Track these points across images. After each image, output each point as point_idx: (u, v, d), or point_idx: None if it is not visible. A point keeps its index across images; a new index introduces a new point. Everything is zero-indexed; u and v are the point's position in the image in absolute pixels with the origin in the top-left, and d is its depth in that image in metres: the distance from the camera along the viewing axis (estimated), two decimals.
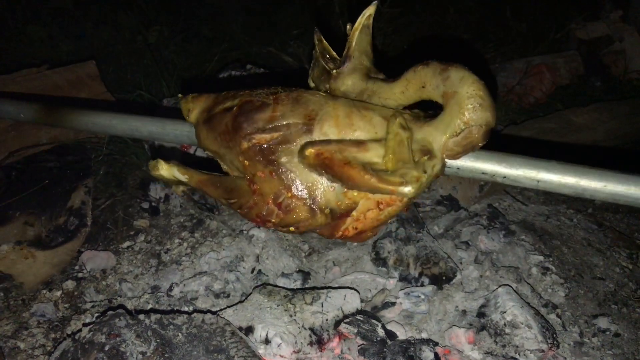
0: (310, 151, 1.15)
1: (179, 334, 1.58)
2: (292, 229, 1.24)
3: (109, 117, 1.51)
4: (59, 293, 2.01)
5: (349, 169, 1.13)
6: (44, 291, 2.01)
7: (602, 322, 1.88)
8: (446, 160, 1.18)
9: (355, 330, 1.68)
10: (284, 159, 1.21)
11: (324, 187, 1.21)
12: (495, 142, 1.34)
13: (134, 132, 1.49)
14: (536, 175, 1.16)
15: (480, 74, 1.13)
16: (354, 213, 1.23)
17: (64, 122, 1.59)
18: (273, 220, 1.24)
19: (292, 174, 1.22)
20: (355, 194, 1.21)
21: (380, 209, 1.22)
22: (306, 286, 1.98)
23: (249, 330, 1.65)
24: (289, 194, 1.21)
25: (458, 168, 1.21)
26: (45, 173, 2.33)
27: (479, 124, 1.10)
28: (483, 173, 1.21)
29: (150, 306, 1.90)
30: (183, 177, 1.35)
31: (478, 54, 3.69)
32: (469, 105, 1.10)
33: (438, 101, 1.16)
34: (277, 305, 1.73)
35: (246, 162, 1.24)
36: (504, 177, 1.19)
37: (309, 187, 1.21)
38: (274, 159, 1.21)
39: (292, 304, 1.74)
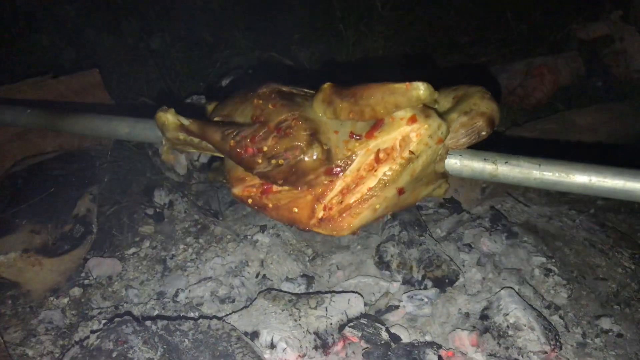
0: (328, 83, 1.29)
1: (186, 339, 1.59)
2: (281, 160, 1.25)
3: (94, 118, 1.56)
4: (66, 300, 2.03)
5: (365, 85, 1.24)
6: (51, 298, 2.04)
7: (605, 323, 1.89)
8: (450, 149, 1.31)
9: (360, 334, 1.69)
10: (298, 99, 1.34)
11: (328, 127, 1.28)
12: (498, 144, 1.39)
13: (112, 133, 1.57)
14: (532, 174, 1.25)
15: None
16: (348, 172, 1.27)
17: (56, 126, 1.63)
18: (267, 145, 1.26)
19: (303, 107, 1.30)
20: (356, 144, 1.26)
21: (379, 161, 1.25)
22: (310, 290, 1.99)
23: (255, 335, 1.67)
24: (293, 120, 1.27)
25: (460, 161, 1.31)
26: (51, 181, 2.35)
27: (482, 110, 1.26)
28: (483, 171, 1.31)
29: (156, 312, 1.92)
30: (186, 122, 1.40)
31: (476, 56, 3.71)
32: (476, 95, 1.29)
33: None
34: (282, 310, 1.74)
35: (260, 101, 1.34)
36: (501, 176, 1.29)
37: (315, 120, 1.28)
38: (289, 95, 1.34)
39: (297, 309, 1.75)
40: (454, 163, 1.33)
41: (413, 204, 1.40)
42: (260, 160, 1.28)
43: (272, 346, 1.64)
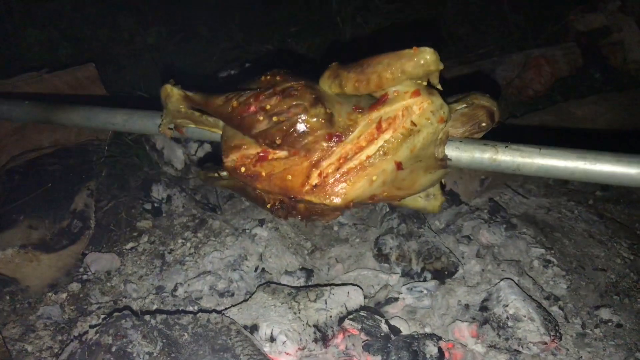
0: (335, 62, 1.33)
1: (185, 333, 1.59)
2: (283, 118, 1.25)
3: (90, 110, 1.57)
4: (64, 295, 2.03)
5: (372, 56, 1.26)
6: (50, 294, 2.03)
7: (604, 313, 1.89)
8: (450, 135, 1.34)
9: (359, 326, 1.69)
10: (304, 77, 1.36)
11: (333, 100, 1.30)
12: (495, 135, 1.39)
13: (107, 125, 1.57)
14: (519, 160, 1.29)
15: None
16: (348, 140, 1.27)
17: (51, 119, 1.62)
18: (270, 104, 1.27)
19: (309, 80, 1.33)
20: (359, 116, 1.28)
21: (380, 130, 1.25)
22: (309, 283, 1.99)
23: (254, 328, 1.67)
24: (299, 85, 1.28)
25: (460, 146, 1.34)
26: (48, 176, 2.34)
27: (483, 104, 1.32)
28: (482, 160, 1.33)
29: (155, 307, 1.92)
30: (190, 93, 1.44)
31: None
32: (477, 93, 1.35)
33: None
34: (282, 303, 1.74)
35: (267, 77, 1.37)
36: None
37: (321, 91, 1.31)
38: (296, 73, 1.36)
39: (296, 302, 1.75)
40: (454, 148, 1.33)
41: (409, 191, 1.36)
42: (261, 118, 1.27)
43: (272, 339, 1.63)
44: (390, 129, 1.25)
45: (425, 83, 1.27)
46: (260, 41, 3.79)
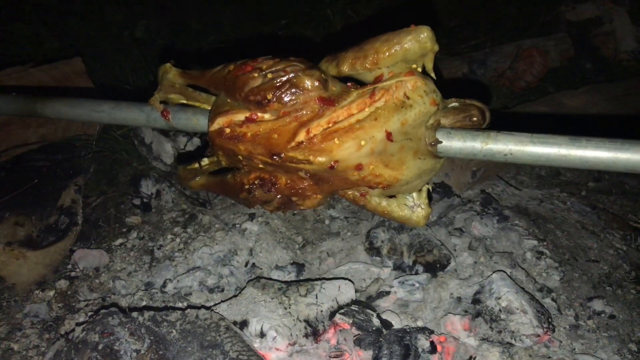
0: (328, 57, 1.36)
1: (173, 330, 1.56)
2: (277, 74, 1.26)
3: (75, 101, 1.55)
4: (52, 293, 2.00)
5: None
6: (37, 291, 2.00)
7: (597, 305, 1.88)
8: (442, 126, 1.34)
9: (351, 321, 1.67)
10: None
11: (330, 74, 1.32)
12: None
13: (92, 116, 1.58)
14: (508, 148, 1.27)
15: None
16: (340, 106, 1.27)
17: (36, 112, 1.60)
18: (266, 65, 1.28)
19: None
20: (353, 89, 1.29)
21: (373, 97, 1.26)
22: (300, 278, 1.97)
23: (244, 324, 1.65)
24: (298, 59, 1.31)
25: (452, 132, 1.33)
26: (35, 172, 2.31)
27: (475, 103, 1.34)
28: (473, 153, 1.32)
29: (144, 303, 1.89)
30: (189, 71, 1.49)
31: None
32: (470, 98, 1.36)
33: None
34: (272, 299, 1.72)
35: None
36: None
37: (316, 65, 1.33)
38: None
39: (287, 297, 1.73)
40: (444, 134, 1.33)
41: (396, 173, 1.32)
42: (256, 75, 1.27)
43: (262, 335, 1.61)
44: (383, 98, 1.25)
45: (420, 69, 1.30)
46: (251, 33, 3.75)
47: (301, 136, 1.25)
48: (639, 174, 2.09)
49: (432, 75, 1.33)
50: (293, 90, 1.25)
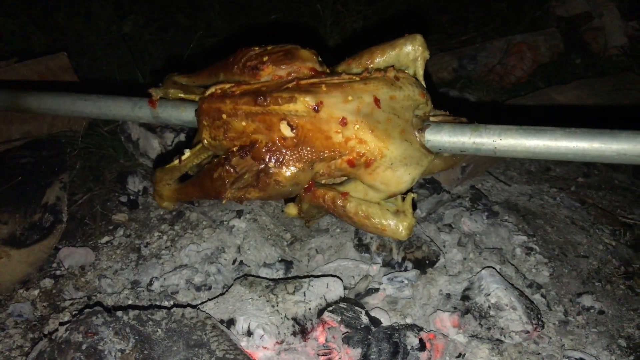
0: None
1: (158, 329, 1.54)
2: (277, 48, 1.39)
3: (60, 94, 1.56)
4: (36, 292, 1.97)
5: None
6: (21, 290, 1.97)
7: (587, 300, 1.88)
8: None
9: (339, 318, 1.65)
10: None
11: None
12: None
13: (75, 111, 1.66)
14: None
15: None
16: (332, 79, 1.34)
17: (19, 105, 1.59)
18: (267, 47, 1.41)
19: None
20: (346, 75, 1.38)
21: (366, 73, 1.36)
22: (289, 275, 1.95)
23: (231, 322, 1.62)
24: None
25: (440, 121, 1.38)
26: (19, 169, 2.27)
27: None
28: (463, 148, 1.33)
29: (130, 302, 1.86)
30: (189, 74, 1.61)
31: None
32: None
33: None
34: (259, 296, 1.70)
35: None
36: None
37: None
38: None
39: (274, 295, 1.71)
40: (434, 125, 1.36)
41: (382, 144, 1.27)
42: (257, 48, 1.40)
43: (249, 333, 1.59)
44: (375, 74, 1.32)
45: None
46: (240, 29, 3.72)
47: (289, 85, 1.31)
48: (628, 165, 2.10)
49: (422, 82, 1.40)
50: (289, 56, 1.34)
